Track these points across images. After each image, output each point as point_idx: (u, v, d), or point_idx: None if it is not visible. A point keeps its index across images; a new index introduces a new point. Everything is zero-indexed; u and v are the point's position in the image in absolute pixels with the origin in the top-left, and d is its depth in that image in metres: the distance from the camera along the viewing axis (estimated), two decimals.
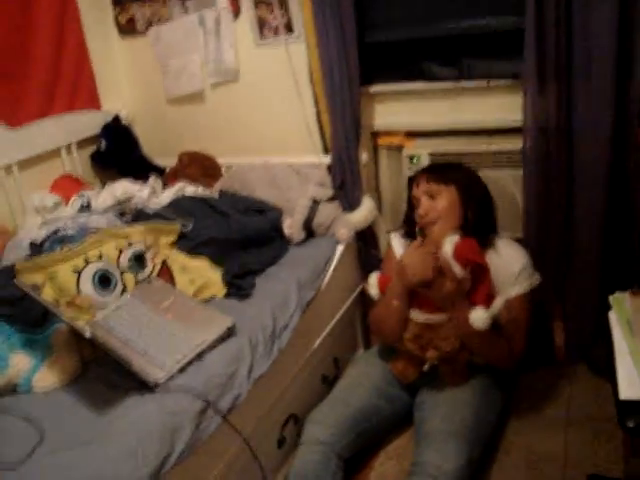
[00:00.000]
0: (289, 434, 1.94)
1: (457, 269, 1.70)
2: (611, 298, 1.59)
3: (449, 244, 1.72)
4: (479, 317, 1.71)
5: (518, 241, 2.10)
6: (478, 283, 1.77)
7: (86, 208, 2.28)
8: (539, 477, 1.89)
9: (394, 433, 2.08)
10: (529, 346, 2.06)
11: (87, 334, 1.33)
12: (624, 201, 2.05)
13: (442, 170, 1.92)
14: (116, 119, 2.70)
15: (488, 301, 1.77)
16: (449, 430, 1.75)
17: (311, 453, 1.76)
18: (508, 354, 1.87)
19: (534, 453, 1.98)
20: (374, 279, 1.92)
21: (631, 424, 1.30)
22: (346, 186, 2.28)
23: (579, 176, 2.04)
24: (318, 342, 2.15)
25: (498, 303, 1.79)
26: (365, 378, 2.00)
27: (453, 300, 1.74)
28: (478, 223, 1.87)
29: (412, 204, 1.95)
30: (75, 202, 2.32)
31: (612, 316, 1.56)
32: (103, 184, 2.60)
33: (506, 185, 2.25)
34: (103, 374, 1.57)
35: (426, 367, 1.86)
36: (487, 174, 2.19)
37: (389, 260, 2.06)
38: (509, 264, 1.88)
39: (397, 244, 2.07)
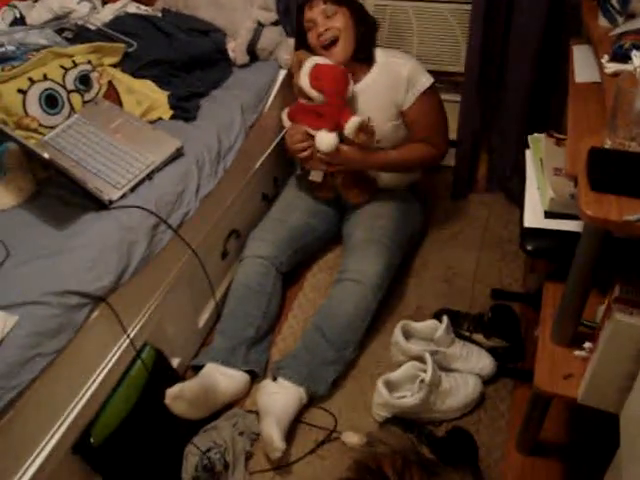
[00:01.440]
0: (231, 247, 2.10)
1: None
2: (530, 138, 1.75)
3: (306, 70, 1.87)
4: (323, 140, 1.88)
5: (459, 75, 2.21)
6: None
7: (19, 21, 2.14)
8: (451, 288, 2.16)
9: (326, 249, 2.29)
10: (464, 175, 2.24)
11: (45, 155, 1.39)
12: (556, 45, 2.13)
13: None
14: None
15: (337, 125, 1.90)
16: (370, 238, 1.96)
17: (254, 265, 1.96)
18: (432, 155, 2.03)
19: (450, 268, 2.24)
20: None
21: (530, 247, 1.53)
22: (290, 11, 2.25)
23: (518, 15, 2.10)
24: (259, 163, 2.25)
25: (354, 121, 1.87)
26: (299, 199, 2.17)
27: None
28: (364, 44, 1.96)
29: (303, 31, 1.97)
30: (6, 14, 2.15)
31: (528, 154, 1.72)
32: None
33: (447, 19, 2.30)
34: (57, 193, 1.60)
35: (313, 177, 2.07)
36: (431, 6, 2.24)
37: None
38: (395, 71, 1.96)
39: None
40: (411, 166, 2.06)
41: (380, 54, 2.00)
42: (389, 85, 1.95)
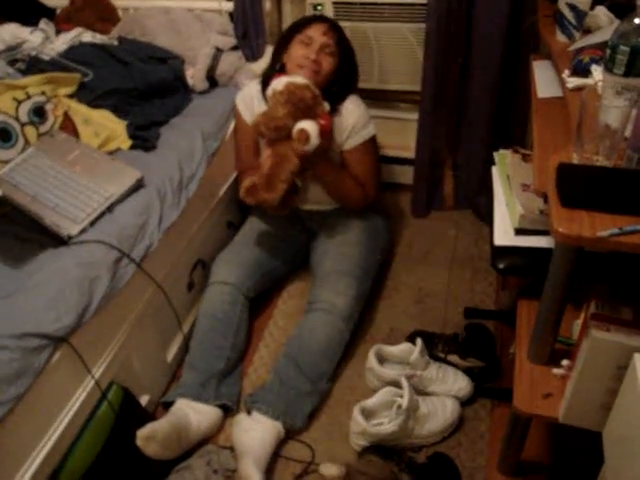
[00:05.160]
0: (197, 278, 2.05)
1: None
2: (495, 154, 1.74)
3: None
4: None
5: (415, 94, 2.20)
6: None
7: None
8: (424, 310, 2.13)
9: (296, 274, 2.25)
10: (423, 192, 2.22)
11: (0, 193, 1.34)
12: (515, 61, 2.15)
13: (343, 32, 1.95)
14: None
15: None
16: (339, 269, 1.93)
17: (219, 293, 1.90)
18: (362, 198, 2.02)
19: (421, 289, 2.21)
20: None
21: (501, 265, 1.51)
22: (249, 35, 2.24)
23: (477, 33, 2.11)
24: (223, 190, 2.22)
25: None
26: (265, 223, 2.12)
27: None
28: (336, 88, 1.93)
29: (286, 42, 1.92)
30: None
31: (495, 170, 1.72)
32: None
33: (407, 38, 2.30)
34: (13, 230, 1.54)
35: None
36: (390, 26, 2.24)
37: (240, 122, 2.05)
38: (345, 118, 1.95)
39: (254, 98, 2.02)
40: (341, 189, 1.99)
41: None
42: (337, 130, 1.93)
